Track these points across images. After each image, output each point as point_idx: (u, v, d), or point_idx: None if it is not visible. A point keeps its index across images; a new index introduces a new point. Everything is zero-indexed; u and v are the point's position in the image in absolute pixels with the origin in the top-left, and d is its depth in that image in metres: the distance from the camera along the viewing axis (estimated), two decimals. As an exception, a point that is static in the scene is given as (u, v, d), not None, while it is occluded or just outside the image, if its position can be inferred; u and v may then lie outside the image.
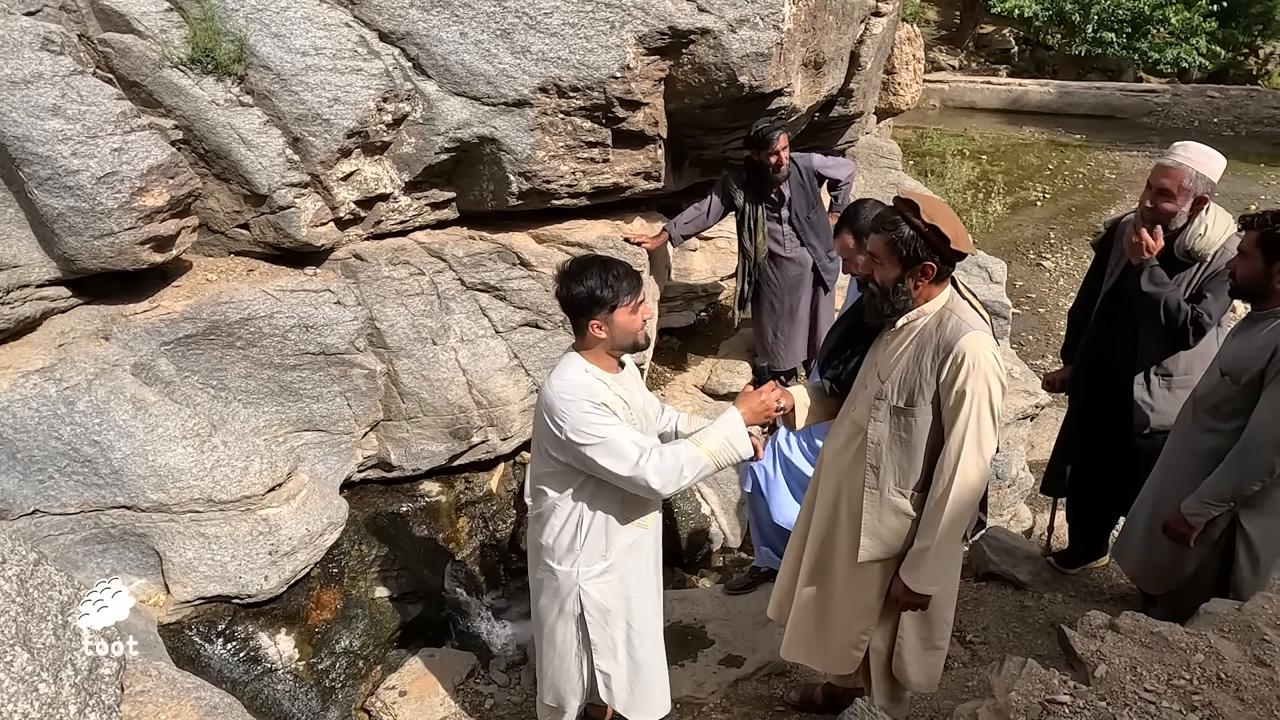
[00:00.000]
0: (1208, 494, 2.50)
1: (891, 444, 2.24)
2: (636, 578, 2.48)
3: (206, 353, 3.28)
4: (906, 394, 2.19)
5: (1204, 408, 2.59)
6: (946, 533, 2.18)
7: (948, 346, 2.11)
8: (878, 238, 2.16)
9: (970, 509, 2.19)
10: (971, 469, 2.12)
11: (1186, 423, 2.69)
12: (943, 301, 2.19)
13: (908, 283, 2.15)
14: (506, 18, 3.52)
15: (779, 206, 4.08)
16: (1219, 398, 2.53)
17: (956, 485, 2.13)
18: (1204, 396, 2.60)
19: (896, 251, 2.11)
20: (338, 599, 3.38)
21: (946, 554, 2.22)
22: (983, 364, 2.07)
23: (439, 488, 3.99)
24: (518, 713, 3.13)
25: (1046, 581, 3.54)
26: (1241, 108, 15.20)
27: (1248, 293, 2.51)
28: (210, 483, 3.00)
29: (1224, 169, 2.79)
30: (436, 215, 3.96)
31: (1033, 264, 8.89)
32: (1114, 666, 2.08)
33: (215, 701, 1.56)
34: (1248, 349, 2.45)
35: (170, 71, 3.25)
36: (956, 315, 2.14)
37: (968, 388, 2.07)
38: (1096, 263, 3.15)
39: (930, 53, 17.74)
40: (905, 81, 8.47)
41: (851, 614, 2.42)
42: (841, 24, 4.48)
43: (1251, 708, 1.91)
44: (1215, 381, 2.56)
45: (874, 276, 2.20)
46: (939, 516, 2.17)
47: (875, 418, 2.26)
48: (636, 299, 2.28)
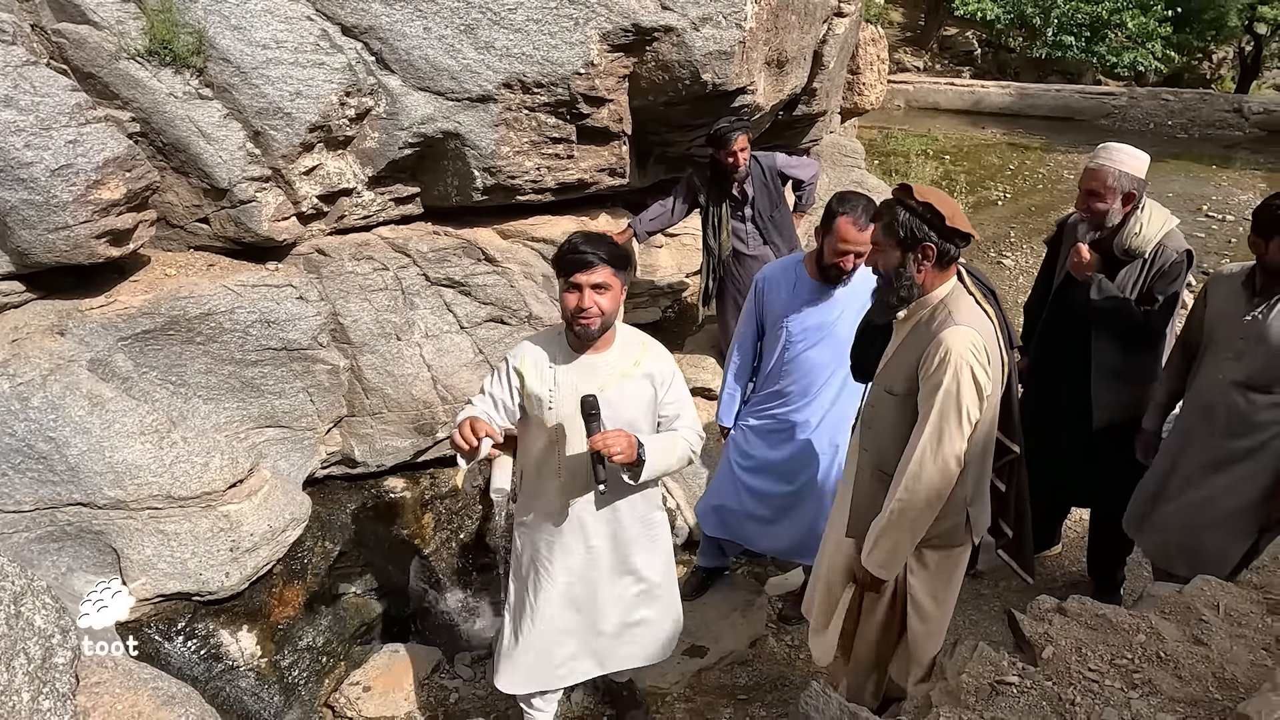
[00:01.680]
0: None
1: (881, 428, 2.31)
2: (542, 549, 2.57)
3: (165, 348, 3.24)
4: (892, 383, 2.25)
5: (1255, 387, 2.68)
6: (896, 519, 2.22)
7: (931, 339, 2.14)
8: (876, 225, 2.21)
9: (928, 505, 2.20)
10: (928, 462, 2.15)
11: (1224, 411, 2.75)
12: (944, 294, 2.20)
13: (910, 267, 2.15)
14: (470, 13, 3.53)
15: (742, 205, 4.13)
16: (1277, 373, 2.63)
17: (910, 475, 2.17)
18: (1253, 376, 2.68)
19: (894, 233, 2.14)
20: (301, 596, 3.36)
21: (895, 540, 2.25)
22: (956, 359, 2.08)
23: (404, 484, 3.98)
24: (482, 706, 3.15)
25: (1002, 570, 3.63)
26: (1194, 110, 15.60)
27: None
28: (169, 479, 2.96)
29: (1148, 165, 2.90)
30: (401, 210, 3.95)
31: (993, 261, 9.05)
32: (1060, 648, 2.15)
33: (173, 691, 1.55)
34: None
35: (127, 63, 3.21)
36: (949, 310, 2.16)
37: (939, 381, 2.11)
38: (1048, 258, 3.25)
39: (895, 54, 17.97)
40: (870, 82, 8.58)
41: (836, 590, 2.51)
42: (804, 24, 4.54)
43: (1189, 684, 1.99)
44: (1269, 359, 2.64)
45: (878, 265, 2.23)
46: (891, 501, 2.22)
47: (874, 404, 2.35)
48: (568, 279, 2.25)
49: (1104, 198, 2.82)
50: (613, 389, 2.36)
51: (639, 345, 2.46)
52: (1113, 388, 3.09)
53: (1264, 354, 2.64)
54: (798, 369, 2.99)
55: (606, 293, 2.26)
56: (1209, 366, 2.84)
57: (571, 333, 2.34)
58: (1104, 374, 3.08)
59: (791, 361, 2.99)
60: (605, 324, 2.32)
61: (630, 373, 2.40)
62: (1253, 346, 2.67)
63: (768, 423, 3.13)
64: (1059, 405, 3.20)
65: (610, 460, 2.20)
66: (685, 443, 2.46)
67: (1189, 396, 2.93)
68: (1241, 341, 2.70)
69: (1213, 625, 2.19)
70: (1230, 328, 2.76)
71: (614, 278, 2.27)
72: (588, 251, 2.22)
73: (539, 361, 2.39)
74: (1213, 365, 2.82)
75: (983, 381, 2.12)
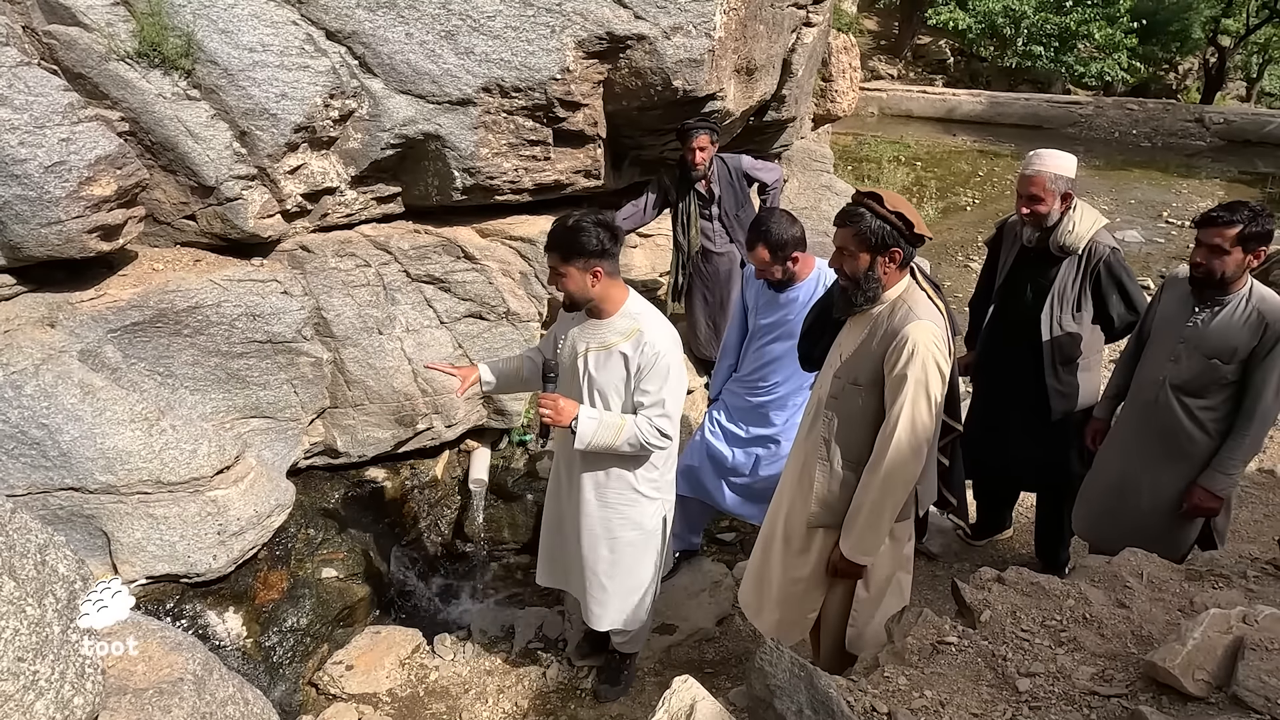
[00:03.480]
0: (1231, 465, 2.80)
1: (843, 421, 2.41)
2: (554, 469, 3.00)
3: (153, 340, 3.35)
4: (858, 375, 2.36)
5: (1188, 392, 2.85)
6: (876, 505, 2.34)
7: (895, 333, 2.27)
8: (845, 230, 2.30)
9: (903, 487, 2.34)
10: (904, 449, 2.27)
11: (1160, 409, 2.92)
12: (899, 291, 2.35)
13: (877, 269, 2.29)
14: (451, 20, 3.67)
15: (709, 203, 4.31)
16: (1208, 380, 2.80)
17: (889, 461, 2.29)
18: (1187, 382, 2.85)
19: (865, 241, 2.26)
20: (285, 579, 3.48)
21: (875, 526, 2.37)
22: (923, 351, 2.22)
23: (385, 474, 4.11)
24: (462, 683, 3.28)
25: (956, 553, 3.83)
26: (1158, 120, 16.05)
27: (1218, 284, 2.75)
28: (159, 465, 3.08)
29: (1075, 165, 3.11)
30: (383, 209, 4.08)
31: (961, 265, 9.31)
32: (997, 612, 2.33)
33: (179, 639, 1.69)
34: (1232, 333, 2.73)
35: (117, 64, 3.32)
36: (908, 305, 2.30)
37: (908, 372, 2.23)
38: (990, 258, 3.45)
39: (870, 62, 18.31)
40: (842, 89, 8.79)
41: (811, 583, 2.58)
42: (772, 33, 4.73)
43: (1110, 641, 2.18)
44: (1201, 366, 2.80)
45: (843, 268, 2.34)
46: (869, 489, 2.34)
47: (832, 395, 2.43)
48: (553, 256, 2.54)
49: (1044, 200, 3.03)
50: (594, 354, 2.65)
51: (630, 326, 2.62)
52: (1065, 379, 3.28)
53: (1197, 361, 2.82)
54: (762, 359, 3.21)
55: (561, 279, 2.55)
56: (1150, 365, 3.02)
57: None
58: (1055, 363, 3.25)
59: (756, 352, 3.21)
60: (578, 299, 2.59)
61: (611, 346, 2.62)
62: (1188, 352, 2.85)
63: (735, 400, 3.42)
64: (1009, 397, 3.39)
65: (543, 420, 2.56)
66: (636, 430, 2.59)
67: (1132, 391, 3.12)
68: (1180, 345, 2.87)
69: (1135, 590, 2.38)
70: (1172, 331, 2.94)
71: (563, 264, 2.52)
72: (552, 240, 2.54)
73: (565, 317, 2.77)
74: (1153, 364, 3.00)
75: (944, 369, 2.29)
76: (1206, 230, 2.72)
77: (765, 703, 1.93)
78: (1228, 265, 2.70)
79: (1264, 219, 2.63)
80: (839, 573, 2.50)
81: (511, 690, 3.24)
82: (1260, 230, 2.64)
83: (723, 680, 3.12)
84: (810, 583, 2.59)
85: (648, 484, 2.80)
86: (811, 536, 2.53)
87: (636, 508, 2.81)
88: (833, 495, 2.45)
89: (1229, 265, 2.70)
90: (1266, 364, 2.69)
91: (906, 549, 2.61)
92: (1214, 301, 2.78)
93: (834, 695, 1.88)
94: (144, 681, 1.57)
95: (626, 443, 2.60)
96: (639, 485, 2.79)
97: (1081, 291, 3.13)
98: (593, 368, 2.63)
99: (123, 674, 1.57)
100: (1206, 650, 1.90)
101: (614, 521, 2.81)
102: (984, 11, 17.54)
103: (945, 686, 2.06)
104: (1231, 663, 1.85)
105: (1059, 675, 2.05)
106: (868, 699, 1.98)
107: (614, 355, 2.61)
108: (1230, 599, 2.29)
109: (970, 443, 3.64)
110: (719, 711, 1.93)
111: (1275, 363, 2.67)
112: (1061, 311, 3.18)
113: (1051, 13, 17.53)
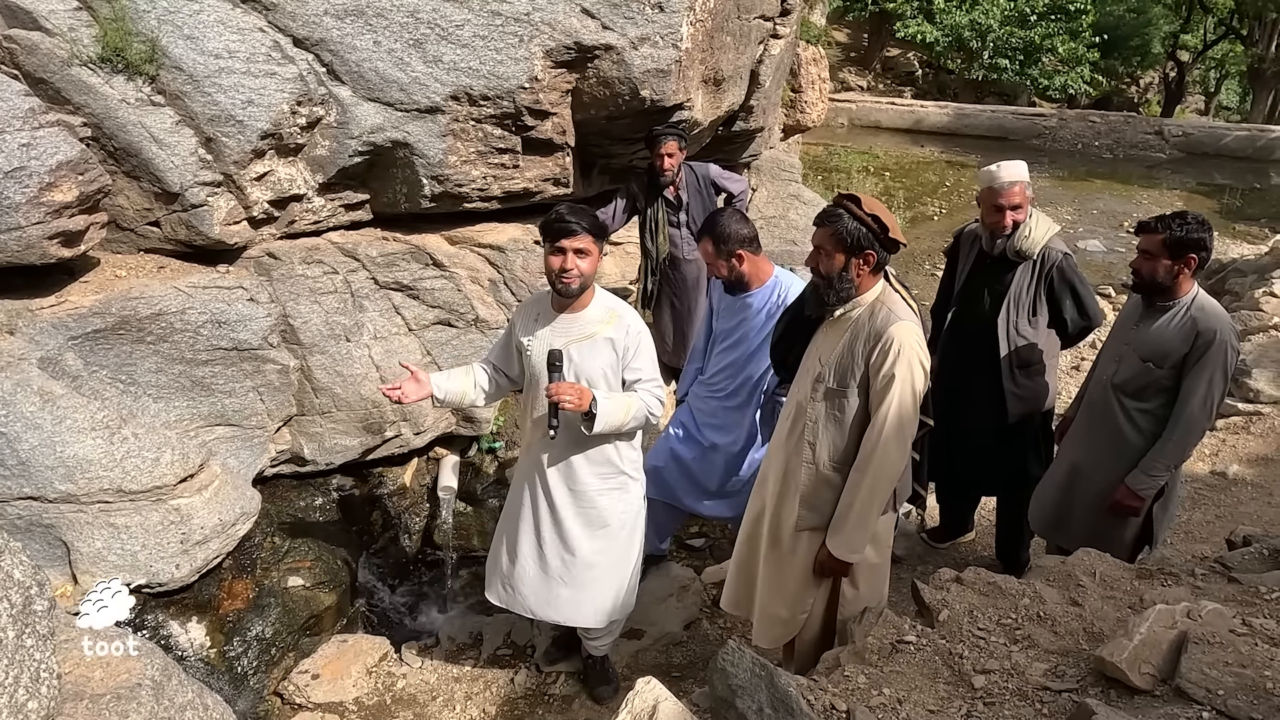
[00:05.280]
0: (1155, 467, 2.86)
1: (826, 423, 2.44)
2: (519, 480, 2.95)
3: (115, 347, 3.32)
4: (840, 377, 2.40)
5: (1126, 393, 2.93)
6: (865, 503, 2.38)
7: (878, 334, 2.32)
8: (823, 230, 2.36)
9: (889, 484, 2.40)
10: (892, 447, 2.33)
11: (1103, 408, 3.01)
12: (876, 293, 2.40)
13: (851, 270, 2.35)
14: (419, 28, 3.69)
15: (677, 210, 4.36)
16: (1143, 382, 2.88)
17: (876, 460, 2.34)
18: (1126, 382, 2.93)
19: (841, 241, 2.32)
20: (250, 589, 3.44)
21: (864, 523, 2.41)
22: (908, 351, 2.28)
23: (352, 482, 4.08)
24: (429, 691, 3.27)
25: (920, 556, 3.89)
26: (1119, 132, 16.42)
27: (1153, 288, 2.86)
28: (120, 473, 3.04)
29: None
30: (351, 216, 4.08)
31: (928, 274, 9.46)
32: (955, 611, 2.38)
33: (138, 645, 1.68)
34: (1166, 338, 2.81)
35: (79, 69, 3.29)
36: (887, 307, 2.36)
37: (894, 372, 2.28)
38: (949, 267, 3.53)
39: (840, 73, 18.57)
40: (811, 100, 8.92)
41: (800, 585, 2.60)
42: (739, 45, 4.80)
43: (1063, 638, 2.23)
44: (1137, 369, 2.89)
45: (819, 268, 2.40)
46: (859, 488, 2.38)
47: (814, 398, 2.46)
48: (554, 243, 2.58)
49: (1023, 208, 3.13)
50: (576, 347, 2.69)
51: (608, 312, 2.75)
52: (1022, 383, 3.36)
53: (1135, 363, 2.91)
54: (719, 363, 3.27)
55: (586, 257, 2.59)
56: (1100, 366, 3.14)
57: (555, 292, 2.67)
58: (1013, 368, 3.33)
59: (715, 356, 3.28)
60: (584, 284, 2.64)
61: (595, 334, 2.70)
62: (1128, 354, 2.95)
63: (700, 402, 3.45)
64: (969, 402, 3.46)
65: (563, 408, 2.55)
66: (642, 402, 2.74)
67: (1085, 390, 3.22)
68: (1125, 348, 2.97)
69: (1088, 589, 2.45)
70: (1120, 333, 3.05)
71: (593, 244, 2.61)
72: (572, 221, 2.56)
73: (527, 316, 2.79)
74: (1102, 365, 3.12)
75: (926, 367, 2.36)
76: (1140, 237, 2.87)
77: (727, 702, 1.96)
78: (1158, 270, 2.80)
79: (1191, 227, 2.73)
80: (826, 571, 2.53)
81: (479, 697, 3.24)
82: (1186, 238, 2.73)
83: (689, 684, 3.14)
84: (800, 584, 2.62)
85: (631, 465, 2.91)
86: (798, 539, 2.57)
87: (626, 491, 2.91)
88: (818, 497, 2.49)
89: (1159, 270, 2.80)
90: (1195, 371, 2.76)
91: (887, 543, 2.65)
92: (1159, 307, 2.87)
93: (793, 694, 1.91)
94: (101, 687, 1.56)
95: (634, 417, 2.72)
96: (625, 467, 2.89)
97: (1037, 296, 3.22)
98: (577, 359, 2.70)
99: (80, 680, 1.56)
100: (1152, 645, 1.95)
101: (606, 510, 2.87)
102: (951, 25, 17.85)
103: (903, 684, 2.10)
104: (1176, 656, 1.91)
105: (1013, 672, 2.10)
106: (827, 697, 2.01)
107: (598, 342, 2.70)
108: (1177, 595, 2.36)
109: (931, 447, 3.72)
110: (681, 712, 1.96)
111: (1204, 370, 2.74)
112: (1018, 316, 3.26)
113: (1016, 27, 17.89)
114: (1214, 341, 2.72)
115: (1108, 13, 19.84)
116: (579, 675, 3.27)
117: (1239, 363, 5.10)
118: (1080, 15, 18.21)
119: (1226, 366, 2.75)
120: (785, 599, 2.65)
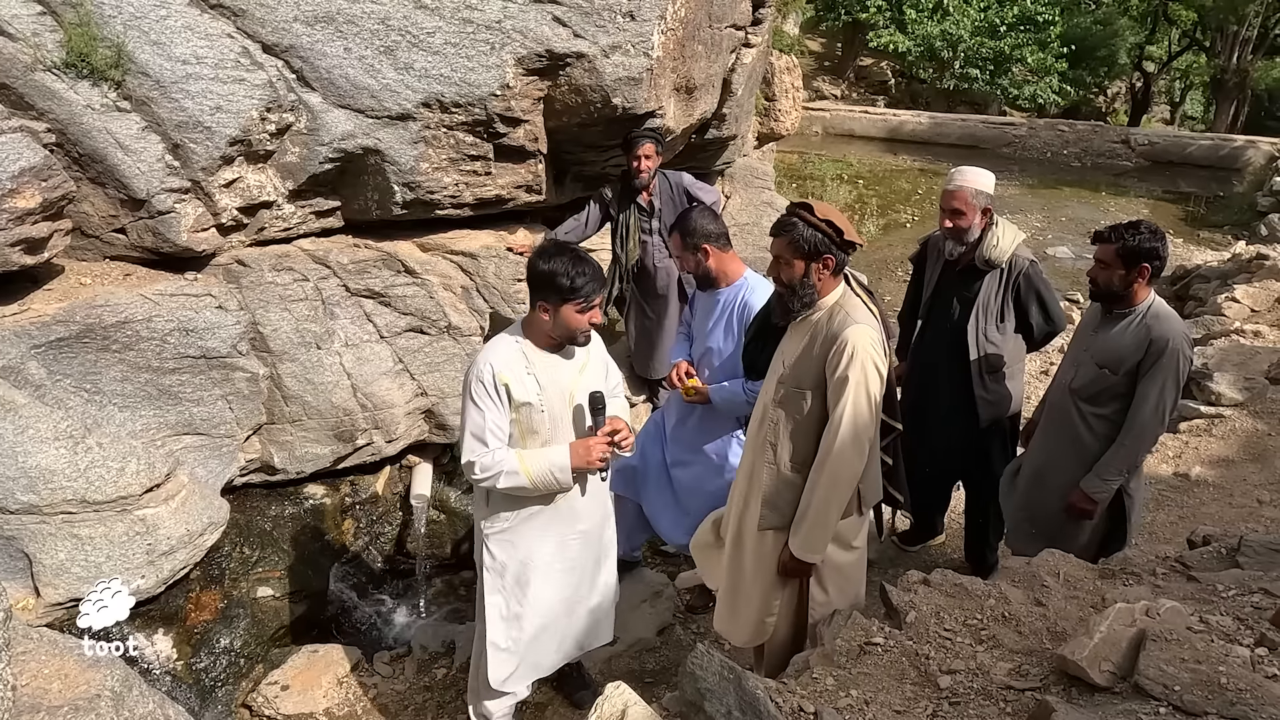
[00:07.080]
0: (1108, 471, 2.90)
1: (787, 424, 2.48)
2: (536, 550, 2.68)
3: (80, 356, 3.27)
4: (800, 380, 2.43)
5: (1083, 397, 2.98)
6: (823, 503, 2.41)
7: (834, 337, 2.35)
8: (780, 240, 2.40)
9: (848, 485, 2.42)
10: (848, 447, 2.35)
11: (1062, 412, 3.06)
12: (836, 297, 2.44)
13: (811, 276, 2.38)
14: (390, 35, 3.69)
15: (650, 217, 4.38)
16: (1099, 388, 2.92)
17: (833, 461, 2.36)
18: (1083, 388, 2.98)
19: (799, 248, 2.36)
20: (218, 599, 3.41)
21: (823, 524, 2.43)
22: (861, 354, 2.31)
23: (324, 490, 4.05)
24: (400, 700, 3.25)
25: (891, 559, 3.93)
26: (1087, 141, 16.70)
27: (1109, 296, 2.91)
28: (84, 483, 3.00)
29: (994, 182, 3.27)
30: (321, 223, 4.05)
31: (901, 280, 9.55)
32: (922, 613, 2.40)
33: (97, 656, 1.66)
34: (1121, 345, 2.86)
35: (43, 75, 3.25)
36: (845, 310, 2.39)
37: (849, 374, 2.31)
38: (916, 274, 3.59)
39: (813, 82, 18.74)
40: (785, 109, 9.00)
41: (766, 585, 2.62)
42: (711, 53, 4.84)
43: (1027, 638, 2.26)
44: (1094, 374, 2.93)
45: (780, 276, 2.43)
46: (816, 488, 2.40)
47: (776, 400, 2.50)
48: (589, 303, 2.47)
49: (965, 215, 3.18)
50: (584, 377, 2.66)
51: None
52: (991, 387, 3.41)
53: (1091, 369, 2.97)
54: (700, 364, 3.29)
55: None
56: (1061, 371, 3.19)
57: (561, 340, 2.56)
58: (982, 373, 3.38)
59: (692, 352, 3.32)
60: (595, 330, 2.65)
61: (588, 362, 2.69)
62: (1086, 360, 3.01)
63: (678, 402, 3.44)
64: (937, 406, 3.50)
65: (622, 450, 2.59)
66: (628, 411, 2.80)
67: (1048, 393, 3.27)
68: (1084, 354, 3.03)
69: (1052, 589, 2.48)
70: (1080, 339, 3.11)
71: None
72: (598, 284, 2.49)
73: (516, 370, 2.51)
74: (1063, 370, 3.18)
75: (882, 369, 2.38)
76: (1096, 247, 2.93)
77: (696, 706, 1.97)
78: (1113, 279, 2.86)
79: (1145, 237, 2.79)
80: (789, 572, 2.55)
81: (451, 706, 3.22)
82: (1139, 248, 2.79)
83: (662, 689, 3.14)
84: (765, 585, 2.63)
85: None
86: (761, 538, 2.59)
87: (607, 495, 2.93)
88: (780, 497, 2.52)
89: (1114, 279, 2.86)
90: (1149, 378, 2.81)
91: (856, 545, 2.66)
92: (1116, 315, 2.92)
93: (761, 696, 1.92)
94: (59, 699, 1.54)
95: None
96: None
97: (1004, 303, 3.27)
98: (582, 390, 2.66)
99: (36, 691, 1.53)
100: (1112, 643, 1.99)
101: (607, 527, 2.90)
102: (923, 35, 18.10)
103: (870, 685, 2.12)
104: (1135, 654, 1.94)
105: (978, 672, 2.12)
106: (795, 699, 2.02)
107: (594, 367, 2.71)
108: (1138, 594, 2.40)
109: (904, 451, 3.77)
110: (650, 715, 1.96)
111: (1156, 377, 2.79)
112: (986, 323, 3.31)
113: (987, 37, 18.18)
114: (1166, 349, 2.77)
115: (1075, 24, 20.22)
116: (552, 682, 3.26)
117: (1202, 367, 5.22)
118: (1049, 26, 18.55)
119: (1179, 374, 2.80)
120: (748, 598, 2.67)
